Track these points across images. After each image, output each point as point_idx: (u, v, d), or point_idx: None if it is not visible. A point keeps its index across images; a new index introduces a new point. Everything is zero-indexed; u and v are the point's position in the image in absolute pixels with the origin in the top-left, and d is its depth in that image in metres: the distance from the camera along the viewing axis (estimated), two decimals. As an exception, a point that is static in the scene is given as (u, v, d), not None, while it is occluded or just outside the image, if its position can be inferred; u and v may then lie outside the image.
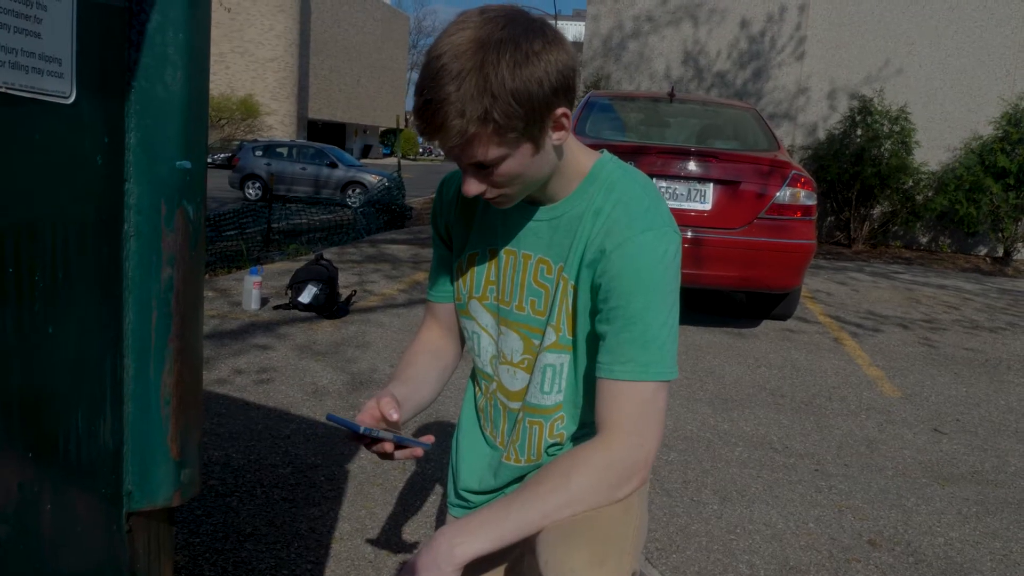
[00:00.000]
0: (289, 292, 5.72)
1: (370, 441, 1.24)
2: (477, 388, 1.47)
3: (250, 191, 20.11)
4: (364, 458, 3.14)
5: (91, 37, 0.84)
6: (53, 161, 0.84)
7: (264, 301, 5.78)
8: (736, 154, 5.50)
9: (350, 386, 4.04)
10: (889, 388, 4.60)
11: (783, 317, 6.26)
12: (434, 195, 1.49)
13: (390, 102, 68.39)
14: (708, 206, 5.33)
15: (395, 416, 1.24)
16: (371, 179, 19.13)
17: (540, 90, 1.09)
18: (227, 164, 25.75)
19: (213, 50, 49.24)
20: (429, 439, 1.26)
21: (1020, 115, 11.78)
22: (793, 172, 5.39)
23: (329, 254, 8.34)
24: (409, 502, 2.80)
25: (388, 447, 1.23)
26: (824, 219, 13.03)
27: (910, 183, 12.35)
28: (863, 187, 12.25)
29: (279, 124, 50.08)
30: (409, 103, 76.09)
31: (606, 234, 1.22)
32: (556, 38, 1.12)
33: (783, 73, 13.25)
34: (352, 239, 10.36)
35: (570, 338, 1.30)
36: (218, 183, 22.74)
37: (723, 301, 7.06)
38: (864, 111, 12.36)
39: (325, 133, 58.23)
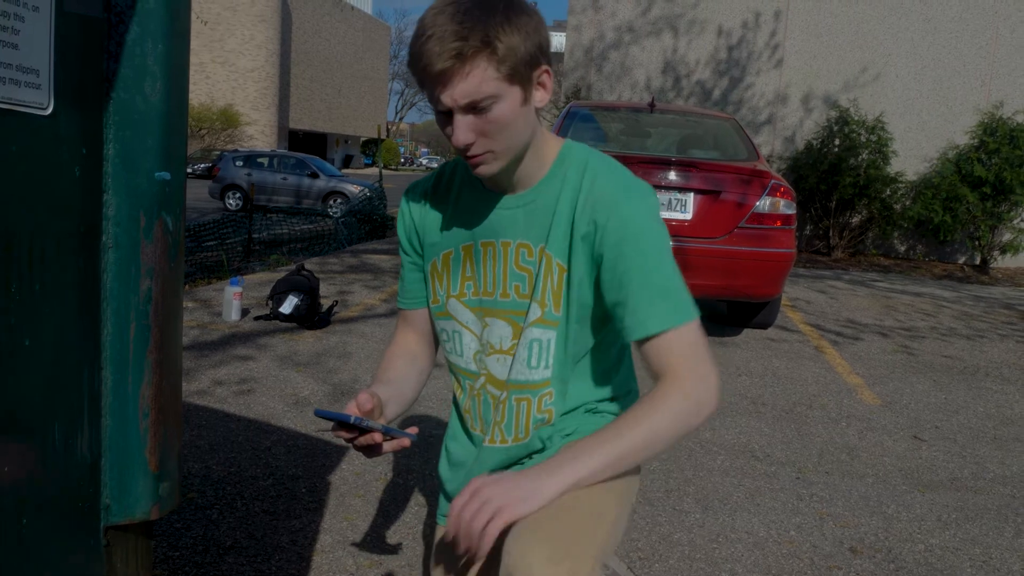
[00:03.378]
0: (270, 303, 5.69)
1: (358, 434, 1.24)
2: (460, 390, 1.46)
3: (231, 201, 20.01)
4: (345, 469, 3.12)
5: (69, 48, 0.84)
6: (30, 172, 0.83)
7: (245, 312, 5.75)
8: (716, 164, 5.53)
9: (332, 396, 4.02)
10: (869, 396, 4.64)
11: (764, 326, 6.30)
12: (400, 207, 1.52)
13: (371, 112, 68.31)
14: (689, 216, 5.36)
15: (369, 406, 1.26)
16: (352, 189, 19.09)
17: (530, 40, 1.17)
18: (207, 174, 25.63)
19: (193, 60, 49.03)
20: (414, 430, 1.28)
21: (995, 124, 11.94)
22: (772, 182, 5.43)
23: (310, 264, 8.31)
24: (390, 513, 2.79)
25: (378, 437, 1.24)
26: (803, 228, 13.13)
27: (887, 192, 12.48)
28: (841, 196, 12.36)
29: (260, 134, 49.87)
30: (391, 113, 76.04)
31: (594, 207, 1.27)
32: (535, 10, 1.20)
33: (761, 81, 13.36)
34: (333, 249, 10.32)
35: (556, 314, 1.32)
36: (198, 193, 22.61)
37: (704, 310, 7.09)
38: (841, 121, 12.49)
39: (306, 143, 58.06)
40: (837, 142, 12.55)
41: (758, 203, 5.37)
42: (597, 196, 1.27)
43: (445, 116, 1.20)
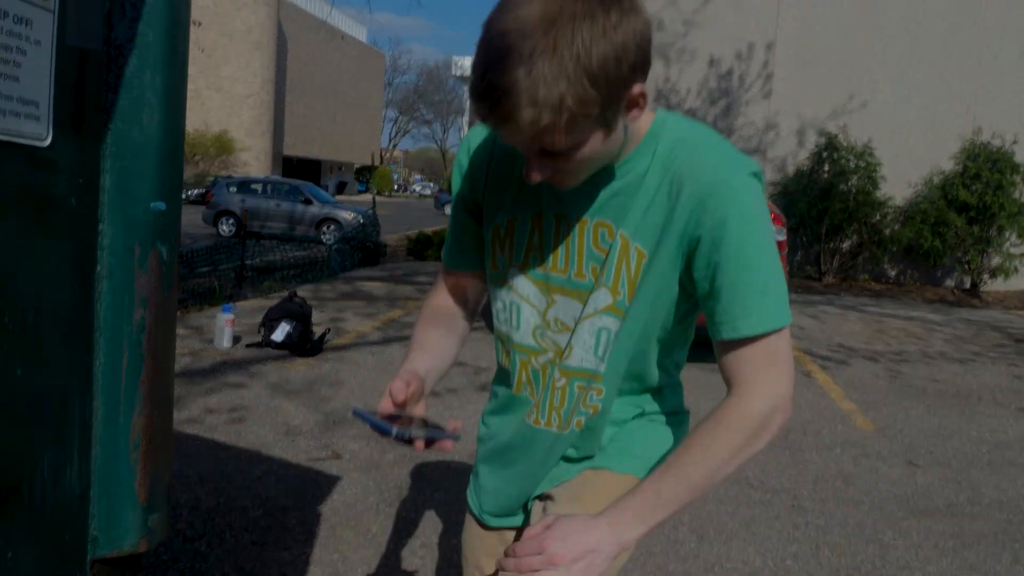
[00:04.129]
0: (262, 330, 5.68)
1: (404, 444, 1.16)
2: (509, 363, 1.33)
3: (224, 227, 20.00)
4: (336, 500, 3.09)
5: (69, 81, 0.84)
6: (27, 202, 0.83)
7: (237, 339, 5.72)
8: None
9: (323, 425, 3.99)
10: (863, 421, 4.64)
11: (757, 351, 6.30)
12: (457, 154, 1.36)
13: (366, 139, 68.61)
14: (681, 242, 5.38)
15: (402, 397, 1.16)
16: (346, 216, 19.11)
17: (618, 70, 0.98)
18: (201, 200, 25.66)
19: (189, 87, 48.94)
20: (457, 425, 1.18)
21: (978, 150, 12.08)
22: (764, 208, 5.47)
23: (303, 291, 8.29)
24: (382, 545, 2.76)
25: (420, 445, 1.14)
26: (794, 253, 13.19)
27: (877, 217, 12.56)
28: (832, 222, 12.43)
29: (254, 160, 50.00)
30: (385, 140, 76.38)
31: (690, 187, 1.12)
32: (632, 5, 0.99)
33: (752, 110, 13.48)
34: (326, 276, 10.31)
35: (627, 305, 1.20)
36: (191, 219, 22.62)
37: (696, 337, 7.10)
38: (830, 147, 12.60)
39: (300, 170, 58.21)
40: (827, 168, 12.65)
41: (750, 229, 5.40)
42: (694, 175, 1.13)
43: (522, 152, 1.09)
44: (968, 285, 12.50)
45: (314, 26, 55.19)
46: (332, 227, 19.11)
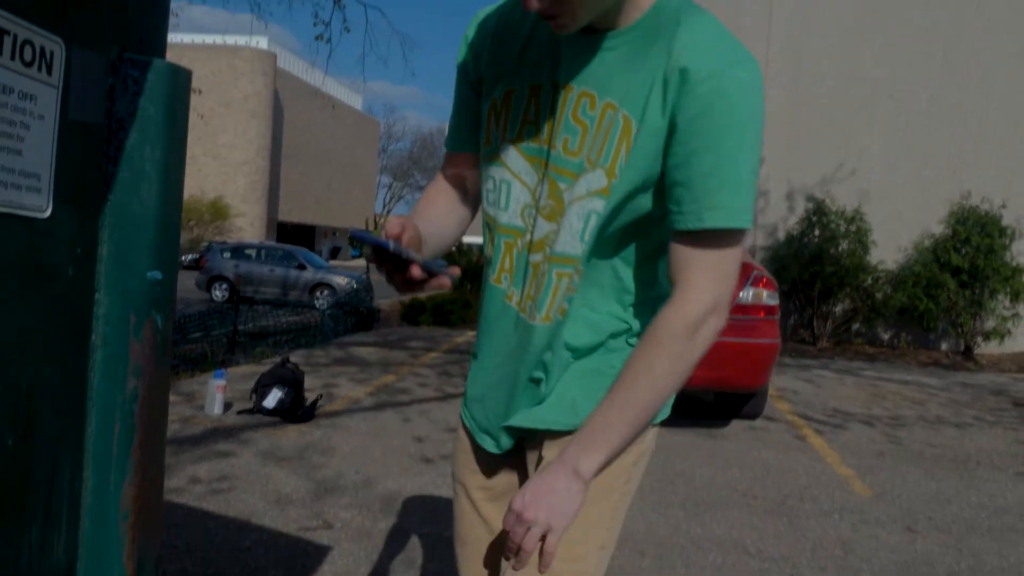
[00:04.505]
0: (254, 396, 5.64)
1: (394, 266, 1.12)
2: (493, 251, 1.28)
3: (217, 292, 20.01)
4: (327, 571, 3.03)
5: (70, 154, 0.86)
6: (24, 272, 0.84)
7: (228, 406, 5.68)
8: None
9: (314, 494, 3.94)
10: (861, 487, 4.59)
11: (752, 416, 6.27)
12: (466, 30, 1.33)
13: (360, 204, 69.21)
14: (674, 306, 5.40)
15: (397, 231, 1.13)
16: (339, 281, 19.15)
17: None
18: (195, 265, 25.73)
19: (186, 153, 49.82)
20: (456, 271, 1.14)
21: (967, 214, 12.23)
22: (755, 272, 5.50)
23: (296, 357, 8.26)
24: (376, 615, 2.70)
25: (416, 272, 1.11)
26: (788, 317, 13.23)
27: (869, 281, 12.64)
28: (824, 285, 12.50)
29: (248, 226, 50.33)
30: (379, 206, 77.02)
31: (691, 57, 1.09)
32: None
33: (742, 177, 13.67)
34: (320, 342, 10.29)
35: (615, 181, 1.15)
36: (185, 284, 22.63)
37: (692, 401, 7.07)
38: (819, 211, 12.75)
39: (294, 235, 58.57)
40: (817, 232, 12.77)
41: (741, 294, 5.42)
42: (694, 58, 1.09)
43: None
44: (962, 348, 12.52)
45: (310, 94, 56.19)
46: (326, 292, 19.14)
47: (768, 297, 5.50)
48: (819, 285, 12.51)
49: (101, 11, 0.93)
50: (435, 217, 1.35)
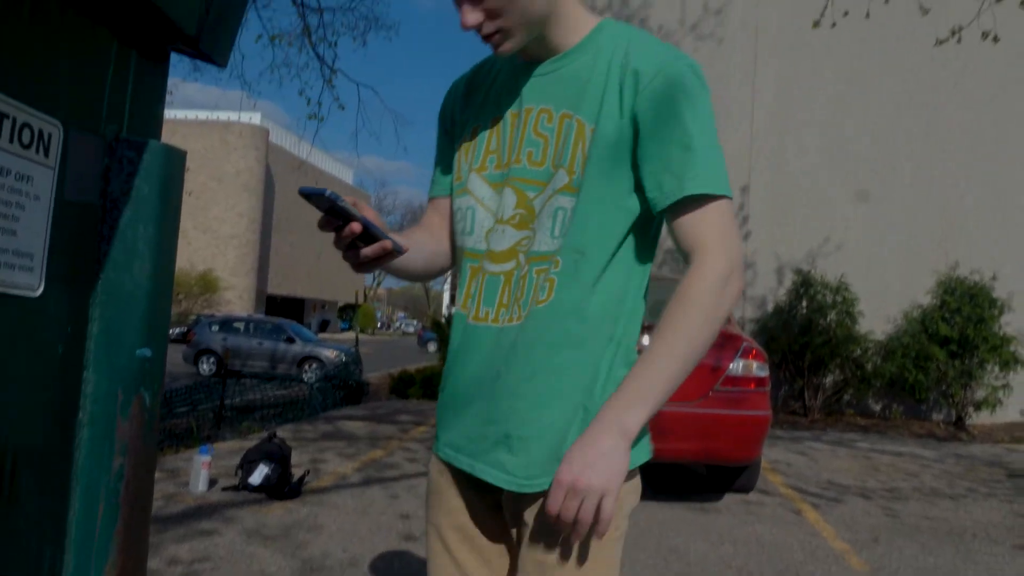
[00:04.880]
0: (240, 472, 5.54)
1: (341, 223, 1.20)
2: (461, 278, 1.38)
3: (204, 366, 19.86)
4: (315, 652, 2.94)
5: (64, 233, 0.87)
6: (13, 351, 0.84)
7: (213, 482, 5.58)
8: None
9: (300, 572, 3.85)
10: (857, 562, 4.52)
11: (745, 489, 6.20)
12: (449, 89, 1.51)
13: (350, 277, 69.37)
14: (664, 378, 5.38)
15: (350, 199, 1.21)
16: (328, 354, 19.06)
17: None
18: (182, 339, 25.58)
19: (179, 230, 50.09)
20: (406, 247, 1.24)
21: (954, 284, 12.33)
22: (744, 344, 5.51)
23: (283, 431, 8.16)
24: None
25: (356, 227, 1.19)
26: (779, 389, 13.19)
27: (858, 351, 12.66)
28: (814, 357, 12.51)
29: (237, 299, 50.27)
30: (369, 278, 77.14)
31: (639, 61, 1.23)
32: None
33: (730, 249, 13.80)
34: (307, 415, 10.18)
35: (581, 180, 1.26)
36: (172, 358, 22.47)
37: (684, 475, 6.99)
38: (806, 283, 12.84)
39: (284, 308, 58.49)
40: (804, 304, 12.85)
41: (732, 366, 5.42)
42: (641, 54, 1.24)
43: (457, 5, 1.24)
44: (954, 419, 12.48)
45: (301, 168, 56.85)
46: (314, 365, 19.02)
47: (758, 369, 5.50)
48: (809, 356, 12.52)
49: (100, 94, 0.95)
50: (408, 236, 1.42)
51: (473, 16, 1.22)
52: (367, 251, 1.23)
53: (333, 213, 1.21)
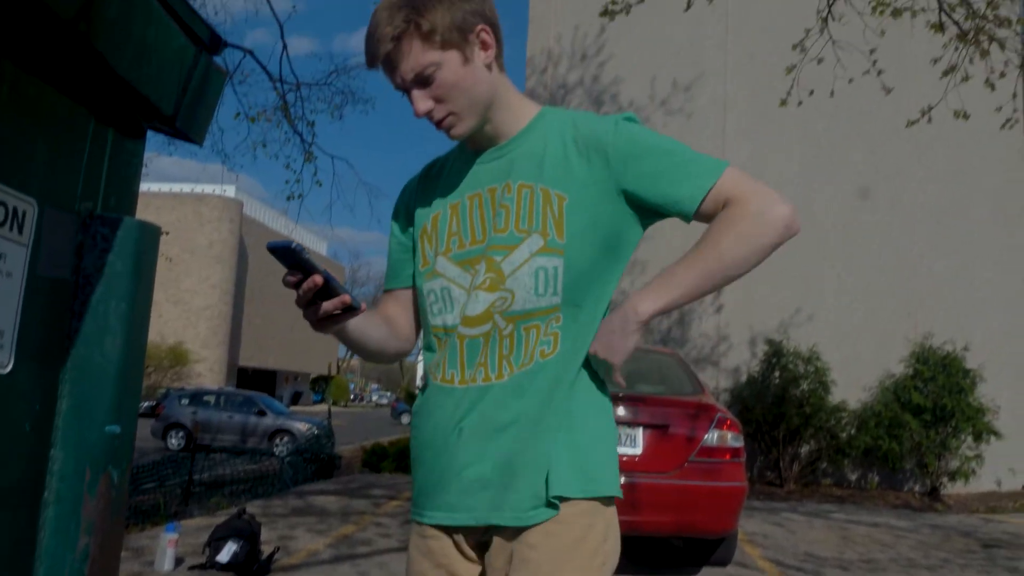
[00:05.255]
0: (207, 550, 5.39)
1: (302, 277, 1.26)
2: (441, 354, 1.44)
3: (172, 441, 19.45)
4: None
5: (36, 309, 0.87)
6: (-22, 429, 0.83)
7: (179, 561, 5.42)
8: (663, 398, 5.63)
9: (269, 655, 3.72)
10: (836, 637, 4.45)
11: (722, 563, 6.12)
12: (400, 192, 1.62)
13: (323, 349, 68.80)
14: (639, 451, 5.36)
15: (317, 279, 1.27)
16: (300, 427, 18.77)
17: (455, 8, 1.33)
18: (151, 412, 25.10)
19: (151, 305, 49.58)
20: (362, 304, 1.30)
21: (927, 353, 12.45)
22: (719, 415, 5.52)
23: (253, 507, 7.97)
24: None
25: (318, 279, 1.25)
26: (754, 459, 13.15)
27: (832, 421, 12.68)
28: (788, 427, 12.51)
29: (208, 371, 49.57)
30: (342, 350, 76.60)
31: (594, 137, 1.38)
32: None
33: (704, 322, 13.90)
34: (278, 490, 9.97)
35: (560, 241, 1.36)
36: (140, 432, 21.96)
37: (661, 548, 6.90)
38: (777, 353, 12.91)
39: (255, 380, 57.70)
40: (777, 374, 12.90)
41: (707, 436, 5.41)
42: (590, 128, 1.39)
43: (408, 96, 1.37)
44: (929, 489, 12.48)
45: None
46: (286, 439, 18.71)
47: (733, 439, 5.49)
48: (783, 426, 12.52)
49: (76, 171, 0.96)
50: (369, 316, 1.49)
51: (424, 104, 1.35)
52: (327, 305, 1.30)
53: (297, 267, 1.27)
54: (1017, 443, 12.50)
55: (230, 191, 52.86)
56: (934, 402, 12.05)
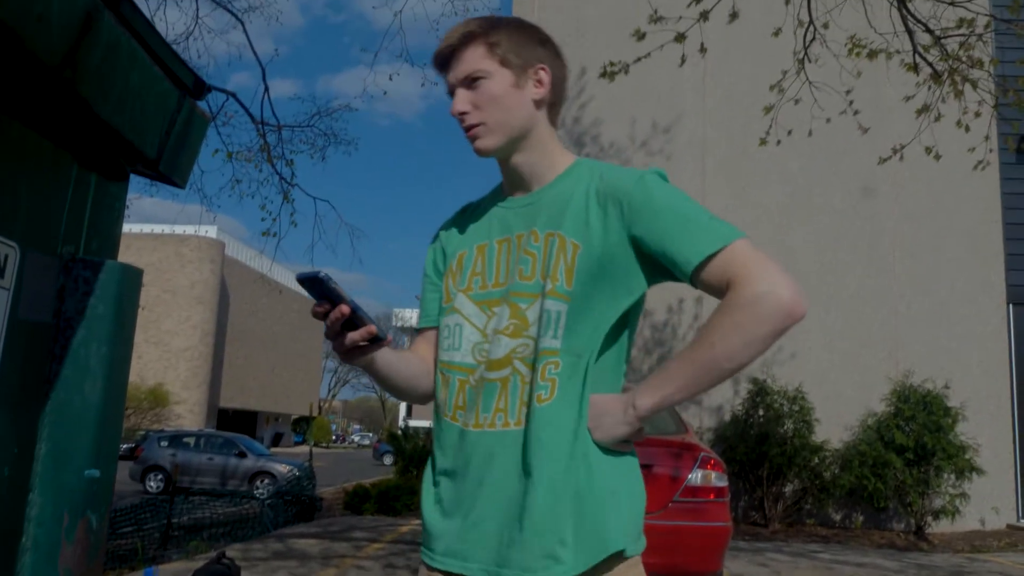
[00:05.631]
0: (186, 596, 5.29)
1: (330, 306, 1.27)
2: (447, 392, 1.46)
3: (151, 483, 19.16)
4: None
5: (15, 353, 0.87)
6: (-46, 474, 0.82)
7: (157, 607, 5.31)
8: (646, 438, 5.61)
9: None
10: None
11: (708, 604, 6.06)
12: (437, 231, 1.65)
13: (304, 390, 68.18)
14: (624, 490, 5.32)
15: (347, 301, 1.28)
16: (280, 469, 18.54)
17: (529, 40, 1.44)
18: (129, 455, 24.72)
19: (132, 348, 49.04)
20: (388, 335, 1.32)
21: (908, 392, 12.50)
22: (702, 454, 5.51)
23: (232, 551, 7.83)
24: None
25: (345, 309, 1.26)
26: (738, 499, 13.09)
27: (816, 460, 12.67)
28: (772, 466, 12.48)
29: (188, 413, 48.94)
30: (324, 391, 76.00)
31: (614, 188, 1.38)
32: (544, 34, 1.50)
33: (685, 358, 13.91)
34: (258, 533, 9.82)
35: (567, 288, 1.37)
36: (118, 475, 21.63)
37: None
38: (762, 392, 12.93)
39: (236, 421, 57.02)
40: (761, 412, 12.91)
41: (690, 476, 5.40)
42: (613, 179, 1.40)
43: (452, 97, 1.44)
44: (914, 528, 12.45)
45: (257, 280, 56.56)
46: (266, 481, 18.47)
47: (717, 479, 5.47)
48: (767, 466, 12.49)
49: (58, 215, 0.97)
50: (401, 354, 1.52)
51: (462, 104, 1.43)
52: (353, 335, 1.31)
53: (325, 297, 1.28)
54: (999, 481, 12.54)
55: (211, 232, 52.66)
56: (916, 440, 12.07)
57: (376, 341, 1.33)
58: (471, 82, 1.42)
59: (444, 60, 1.44)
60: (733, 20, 7.01)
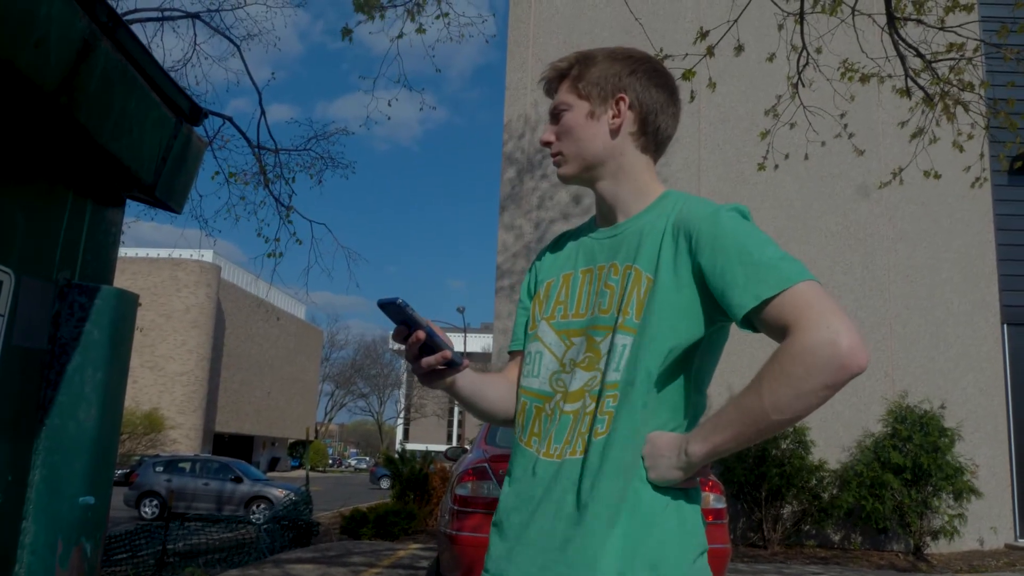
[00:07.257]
0: (180, 624, 5.23)
1: (408, 331, 1.30)
2: (524, 418, 1.48)
3: (146, 509, 19.01)
4: None
5: (10, 380, 0.86)
6: (-53, 502, 0.81)
7: (151, 635, 5.25)
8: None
9: None
10: None
11: (708, 628, 6.00)
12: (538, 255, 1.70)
13: (301, 414, 67.89)
14: (621, 513, 5.30)
15: (423, 326, 1.32)
16: (277, 493, 18.42)
17: (620, 70, 1.47)
18: (124, 480, 24.56)
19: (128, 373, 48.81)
20: (464, 360, 1.37)
21: (904, 412, 12.49)
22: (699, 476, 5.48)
23: (227, 578, 7.76)
24: None
25: (420, 335, 1.31)
26: (737, 521, 13.03)
27: (813, 481, 12.62)
28: (770, 487, 12.44)
29: (183, 437, 48.68)
30: (320, 414, 75.70)
31: (688, 220, 1.37)
32: (636, 61, 1.53)
33: (682, 379, 13.90)
34: (255, 559, 9.73)
35: (636, 322, 1.37)
36: (112, 501, 21.46)
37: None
38: (757, 412, 12.89)
39: (232, 446, 56.70)
40: (757, 433, 12.85)
41: (689, 498, 5.37)
42: (689, 211, 1.39)
43: None
44: (913, 548, 12.39)
45: (253, 304, 56.48)
46: (262, 505, 18.36)
47: (715, 501, 5.45)
48: (765, 487, 12.45)
49: (54, 241, 0.97)
50: (487, 377, 1.57)
51: (547, 135, 1.53)
52: (428, 359, 1.36)
53: (404, 322, 1.32)
54: (997, 501, 12.50)
55: (208, 256, 52.64)
56: (913, 461, 12.04)
57: (452, 365, 1.38)
58: (557, 114, 1.51)
59: (545, 90, 1.55)
60: (739, 53, 7.07)
